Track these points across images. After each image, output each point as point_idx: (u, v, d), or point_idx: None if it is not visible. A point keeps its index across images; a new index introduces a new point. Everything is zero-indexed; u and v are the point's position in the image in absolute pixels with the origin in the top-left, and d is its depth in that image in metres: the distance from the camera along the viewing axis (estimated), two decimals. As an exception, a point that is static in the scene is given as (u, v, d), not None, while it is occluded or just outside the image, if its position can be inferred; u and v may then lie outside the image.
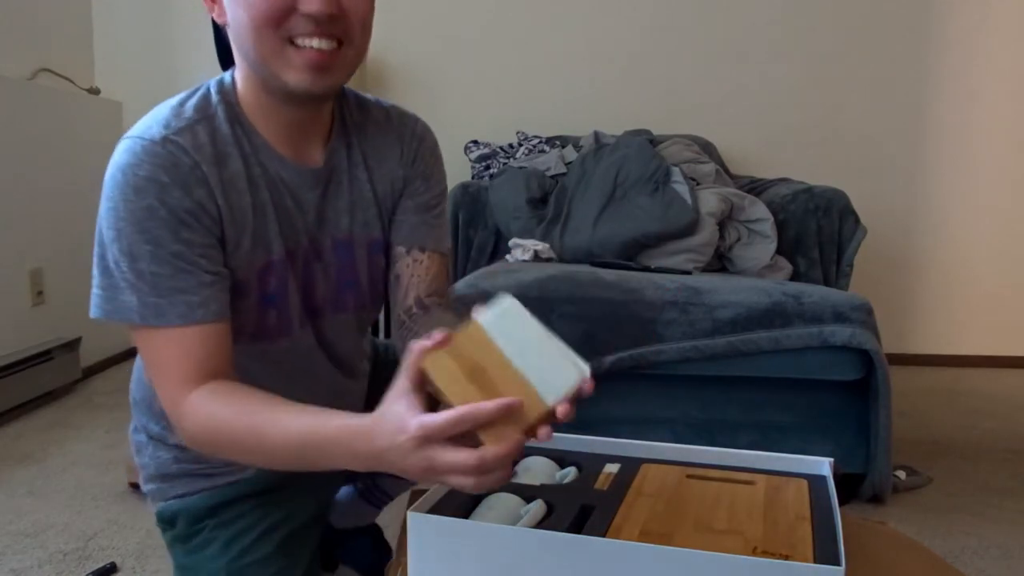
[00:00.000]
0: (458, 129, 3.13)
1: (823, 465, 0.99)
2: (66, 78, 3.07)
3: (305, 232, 0.93)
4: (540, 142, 2.99)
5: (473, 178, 2.93)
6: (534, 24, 3.27)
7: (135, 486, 1.90)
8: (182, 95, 0.89)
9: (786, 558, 0.76)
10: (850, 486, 1.84)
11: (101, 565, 1.53)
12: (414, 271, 1.00)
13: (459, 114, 3.25)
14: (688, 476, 0.96)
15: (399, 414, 0.67)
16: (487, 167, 2.92)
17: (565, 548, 0.77)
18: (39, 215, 2.78)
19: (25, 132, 2.71)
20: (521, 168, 2.79)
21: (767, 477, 0.96)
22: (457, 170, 3.03)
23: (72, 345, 2.79)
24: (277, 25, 0.80)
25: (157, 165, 0.81)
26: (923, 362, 3.31)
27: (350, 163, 0.96)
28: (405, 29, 3.22)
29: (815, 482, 0.96)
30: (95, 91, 3.23)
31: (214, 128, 0.86)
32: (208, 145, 0.85)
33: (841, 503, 0.89)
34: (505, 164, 2.90)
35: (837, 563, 0.73)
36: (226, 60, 0.94)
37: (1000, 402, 2.76)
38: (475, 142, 3.05)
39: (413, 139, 1.01)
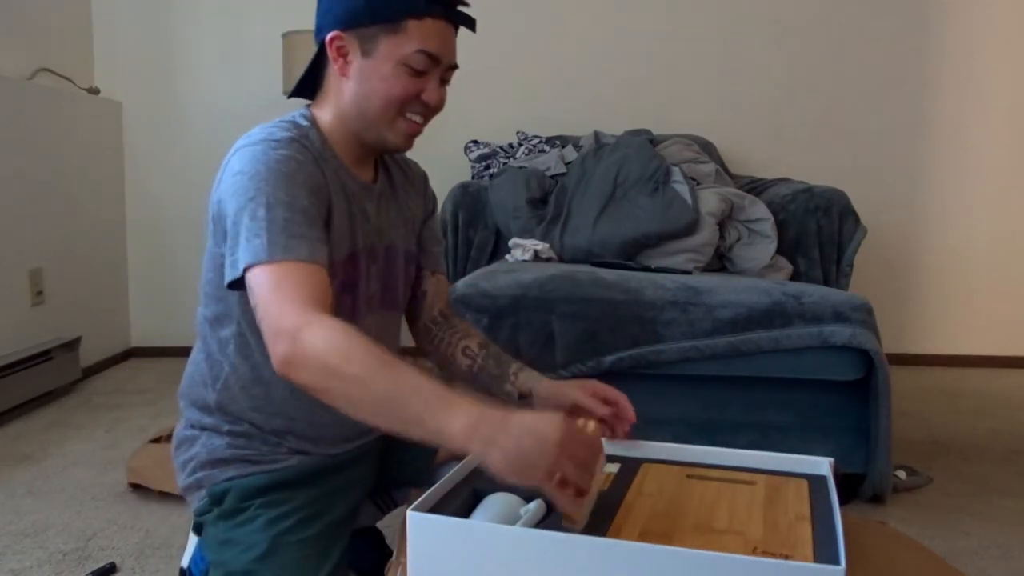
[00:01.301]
0: (458, 129, 3.13)
1: (823, 465, 0.99)
2: (66, 78, 3.07)
3: (367, 236, 1.12)
4: (540, 142, 2.99)
5: (473, 178, 2.93)
6: (534, 24, 3.27)
7: (135, 486, 1.90)
8: (271, 123, 1.07)
9: (786, 558, 0.76)
10: (850, 486, 1.84)
11: (101, 565, 1.53)
12: (436, 289, 1.28)
13: (459, 114, 3.25)
14: (688, 476, 0.96)
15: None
16: (487, 167, 2.92)
17: (565, 548, 0.77)
18: (39, 215, 2.78)
19: (25, 132, 2.71)
20: (521, 168, 2.79)
21: (767, 477, 0.96)
22: (457, 170, 3.03)
23: (72, 345, 2.79)
24: (403, 105, 1.06)
25: (292, 149, 1.00)
26: (923, 362, 3.31)
27: (392, 187, 1.20)
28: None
29: (815, 482, 0.96)
30: (95, 91, 3.23)
31: (310, 143, 1.05)
32: (313, 151, 1.04)
33: (841, 503, 0.89)
34: (505, 164, 2.90)
35: (837, 563, 0.73)
36: (302, 88, 1.13)
37: (1000, 402, 2.76)
38: (475, 142, 3.05)
39: (421, 178, 1.29)
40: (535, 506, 0.88)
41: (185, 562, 1.25)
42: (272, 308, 0.89)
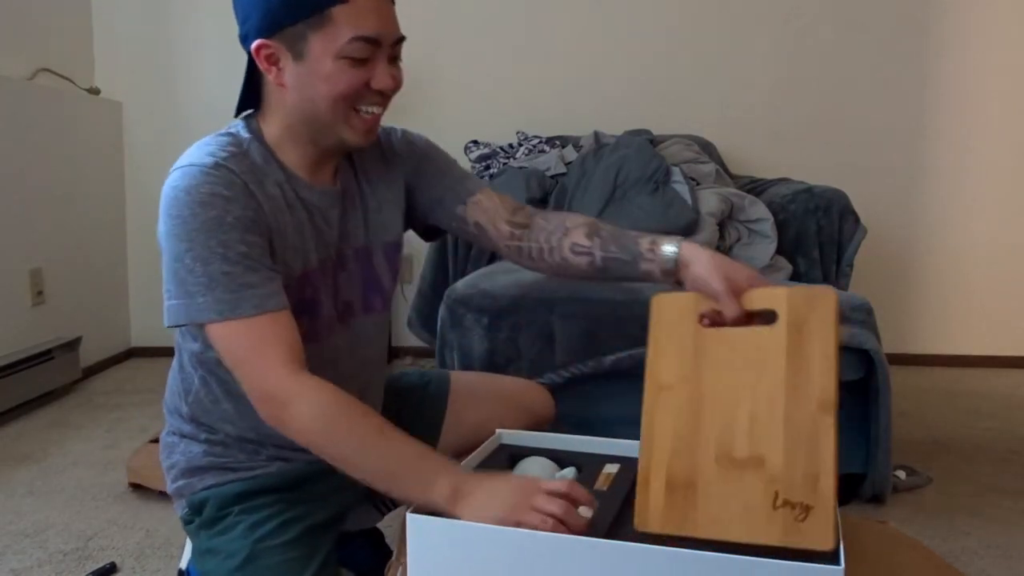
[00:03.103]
0: (458, 129, 3.13)
1: (823, 465, 0.99)
2: (66, 78, 3.07)
3: (332, 245, 1.06)
4: (540, 142, 2.99)
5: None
6: (534, 24, 3.27)
7: (135, 486, 1.90)
8: (208, 138, 1.01)
9: (807, 510, 0.78)
10: (850, 486, 1.84)
11: (101, 565, 1.53)
12: (486, 207, 1.15)
13: (459, 114, 3.26)
14: (702, 325, 0.91)
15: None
16: (487, 167, 2.92)
17: (565, 548, 0.77)
18: (39, 215, 2.78)
19: (25, 132, 2.71)
20: (521, 168, 2.79)
21: (788, 304, 0.88)
22: (457, 170, 3.03)
23: (72, 345, 2.79)
24: (352, 100, 0.97)
25: (216, 183, 0.93)
26: (923, 362, 3.31)
27: (357, 181, 1.12)
28: (405, 30, 3.22)
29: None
30: (95, 91, 3.23)
31: (250, 160, 0.99)
32: (249, 172, 0.97)
33: (841, 503, 0.89)
34: (505, 164, 2.90)
35: (837, 563, 0.73)
36: (246, 102, 1.05)
37: (1000, 402, 2.76)
38: (475, 142, 3.05)
39: (389, 148, 1.17)
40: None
41: (184, 564, 1.25)
42: (247, 369, 0.91)
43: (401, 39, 1.00)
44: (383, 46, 0.97)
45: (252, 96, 1.04)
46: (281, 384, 0.89)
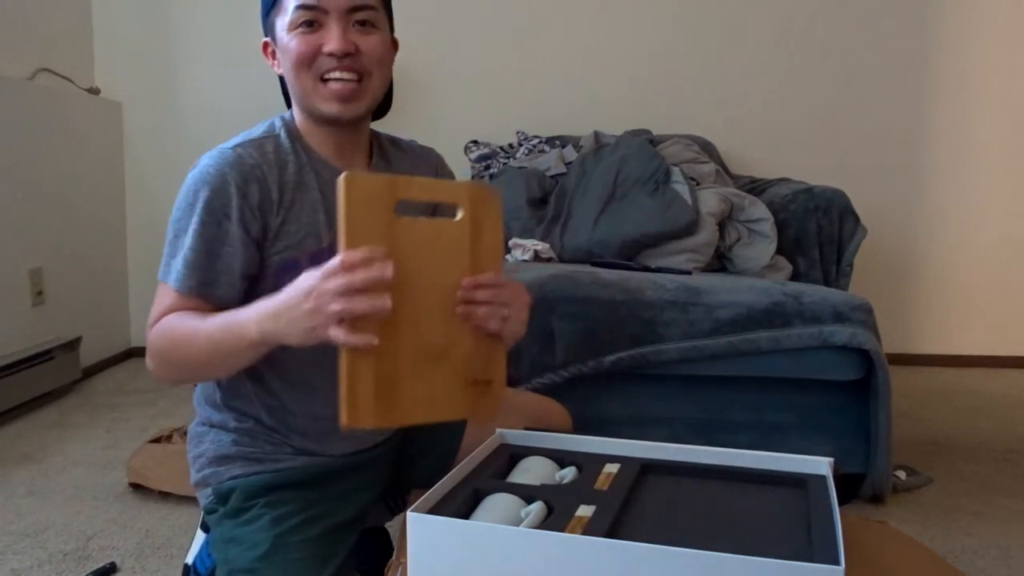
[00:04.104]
0: (458, 129, 3.13)
1: (823, 465, 0.99)
2: (66, 78, 3.07)
3: None
4: (540, 142, 2.99)
5: (473, 178, 2.93)
6: (534, 24, 3.27)
7: (135, 486, 1.90)
8: (248, 130, 1.11)
9: (487, 384, 0.95)
10: (850, 486, 1.84)
11: (101, 565, 1.53)
12: None
13: (459, 114, 3.26)
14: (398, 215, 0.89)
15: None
16: (487, 167, 2.92)
17: (565, 548, 0.77)
18: (39, 215, 2.78)
19: (25, 132, 2.71)
20: (521, 168, 2.79)
21: (469, 201, 0.93)
22: (457, 170, 3.02)
23: (72, 345, 2.79)
24: (309, 64, 1.03)
25: (224, 162, 1.02)
26: (923, 362, 3.31)
27: (388, 169, 1.16)
28: (405, 30, 3.22)
29: (815, 482, 0.96)
30: (95, 91, 3.23)
31: (277, 143, 1.08)
32: (272, 153, 1.06)
33: (841, 503, 0.89)
34: (505, 164, 2.90)
35: (837, 563, 0.73)
36: (289, 102, 1.15)
37: (1000, 402, 2.77)
38: (475, 142, 3.05)
39: (438, 163, 1.26)
40: (536, 508, 0.88)
41: (190, 559, 1.26)
42: (150, 315, 1.06)
43: (359, 7, 1.04)
44: (330, 11, 1.02)
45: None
46: (149, 331, 1.04)
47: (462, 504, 0.89)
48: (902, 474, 1.97)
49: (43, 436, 2.32)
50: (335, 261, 0.84)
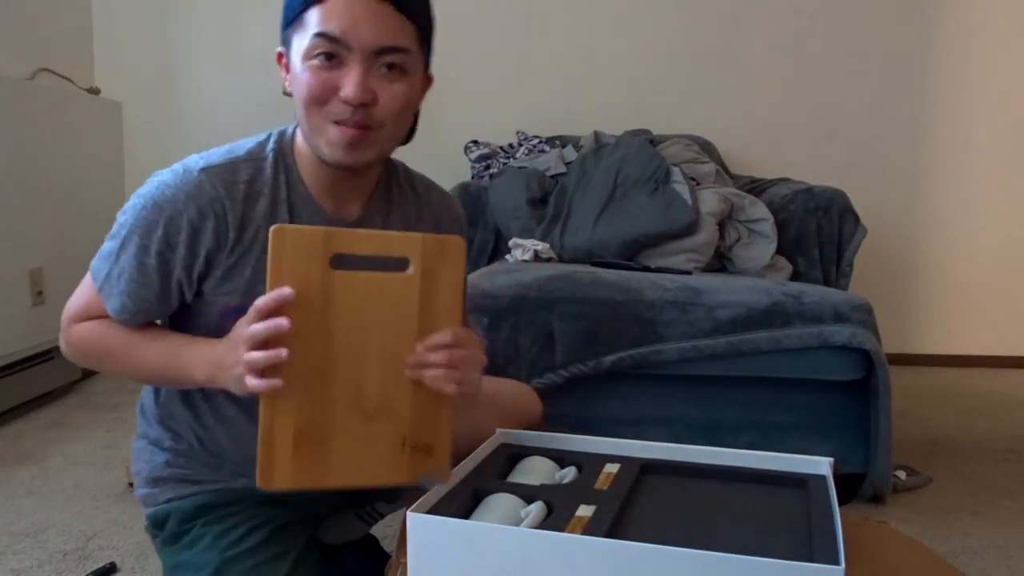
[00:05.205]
0: (458, 129, 3.13)
1: (823, 465, 0.99)
2: (66, 78, 3.07)
3: None
4: (540, 142, 2.99)
5: (473, 178, 2.93)
6: (534, 25, 3.27)
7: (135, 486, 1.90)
8: (248, 139, 1.02)
9: (429, 449, 0.89)
10: (850, 486, 1.84)
11: (101, 565, 1.53)
12: None
13: (459, 114, 3.25)
14: (333, 264, 0.84)
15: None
16: (487, 167, 2.92)
17: (565, 548, 0.77)
18: (39, 215, 2.78)
19: (25, 132, 2.70)
20: (521, 168, 2.79)
21: (422, 254, 0.86)
22: (457, 170, 3.03)
23: (72, 345, 2.78)
24: (321, 104, 0.92)
25: (182, 191, 0.94)
26: (923, 362, 3.31)
27: (386, 223, 1.05)
28: (405, 29, 3.22)
29: (815, 482, 0.96)
30: (95, 91, 3.23)
31: (258, 169, 0.98)
32: (243, 183, 0.96)
33: (841, 503, 0.89)
34: (505, 164, 2.90)
35: (837, 563, 0.73)
36: None
37: (1000, 402, 2.76)
38: (475, 142, 3.05)
39: (447, 212, 1.13)
40: (536, 507, 0.88)
41: None
42: (65, 311, 1.04)
43: (389, 49, 0.91)
44: (354, 49, 0.89)
45: None
46: (65, 327, 1.04)
47: (462, 504, 0.89)
48: (902, 474, 1.97)
49: (43, 436, 2.32)
50: (251, 309, 0.82)
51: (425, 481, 0.88)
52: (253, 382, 0.81)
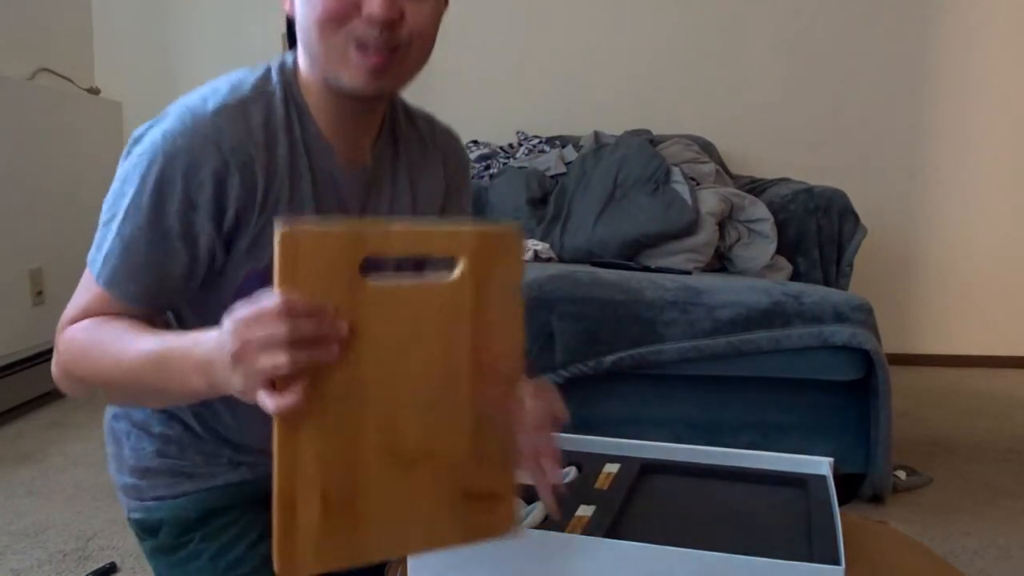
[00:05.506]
0: (458, 129, 3.10)
1: (823, 465, 0.99)
2: (66, 78, 3.07)
3: None
4: (540, 142, 2.99)
5: (473, 178, 2.93)
6: (534, 24, 3.27)
7: (135, 486, 1.90)
8: (242, 71, 0.88)
9: (493, 499, 0.68)
10: (850, 486, 1.84)
11: (101, 565, 1.53)
12: None
13: (459, 114, 3.24)
14: (369, 280, 0.62)
15: None
16: (487, 167, 2.92)
17: (565, 548, 0.77)
18: (39, 215, 2.78)
19: (25, 132, 2.70)
20: (521, 168, 2.79)
21: (472, 253, 0.65)
22: (457, 170, 3.03)
23: (72, 345, 2.79)
24: (340, 25, 0.79)
25: (197, 138, 0.79)
26: (923, 362, 3.31)
27: (394, 169, 0.95)
28: (405, 29, 3.22)
29: (815, 482, 0.96)
30: (95, 91, 3.23)
31: (269, 109, 0.84)
32: (260, 127, 0.83)
33: (841, 503, 0.89)
34: (505, 164, 2.90)
35: (837, 563, 0.73)
36: (295, 42, 0.90)
37: (1000, 402, 2.76)
38: (475, 142, 3.05)
39: (454, 154, 1.04)
40: (537, 507, 0.88)
41: None
42: (64, 312, 0.86)
43: None
44: None
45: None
46: (59, 334, 0.84)
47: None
48: (902, 474, 1.97)
49: (43, 436, 2.32)
50: (272, 302, 0.59)
51: (490, 538, 0.70)
52: (272, 400, 0.60)
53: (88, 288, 0.84)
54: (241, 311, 0.61)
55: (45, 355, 2.64)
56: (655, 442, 1.06)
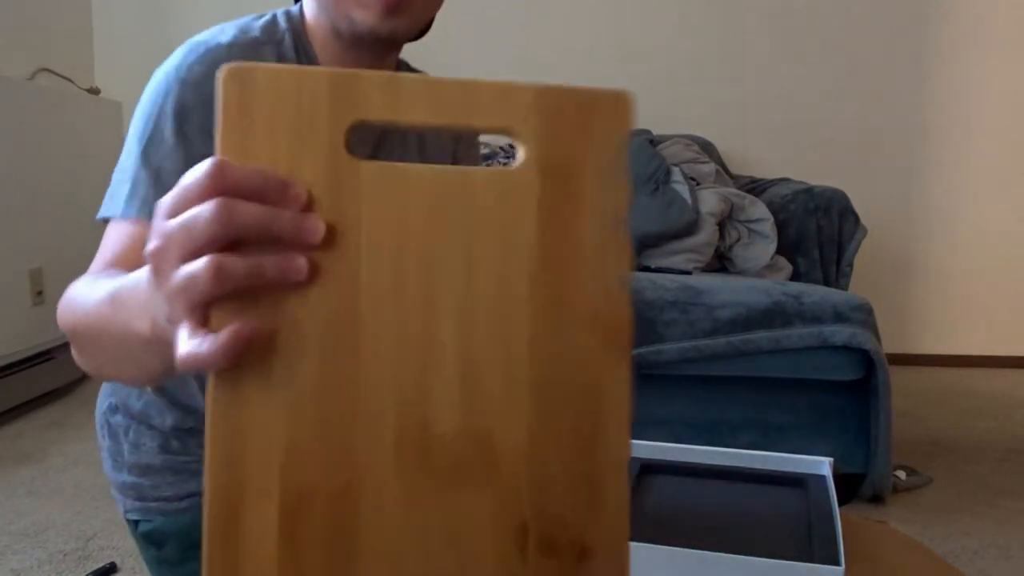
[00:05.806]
0: (458, 129, 3.13)
1: (823, 465, 0.99)
2: (66, 78, 3.07)
3: None
4: (540, 142, 2.99)
5: (473, 178, 2.93)
6: (534, 24, 3.27)
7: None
8: (245, 18, 0.85)
9: (584, 553, 0.39)
10: (850, 486, 1.84)
11: (101, 565, 1.53)
12: None
13: (459, 114, 3.26)
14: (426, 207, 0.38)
15: None
16: (487, 167, 2.93)
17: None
18: (39, 215, 2.78)
19: (25, 132, 2.71)
20: (521, 168, 2.79)
21: (539, 123, 0.40)
22: (457, 170, 3.04)
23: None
24: None
25: (217, 64, 0.65)
26: (923, 362, 3.31)
27: (402, 136, 0.91)
28: (405, 29, 3.22)
29: (815, 482, 0.96)
30: (95, 91, 3.23)
31: (280, 52, 0.81)
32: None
33: (841, 503, 0.89)
34: (505, 164, 2.90)
35: (837, 563, 0.73)
36: None
37: (1000, 402, 2.76)
38: (475, 142, 3.05)
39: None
40: None
41: None
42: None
43: None
44: None
45: None
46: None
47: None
48: (902, 474, 1.97)
49: (43, 436, 2.32)
50: (200, 167, 0.36)
51: None
52: (189, 342, 0.35)
53: (112, 238, 0.72)
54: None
55: (45, 355, 2.65)
56: (655, 442, 1.06)
